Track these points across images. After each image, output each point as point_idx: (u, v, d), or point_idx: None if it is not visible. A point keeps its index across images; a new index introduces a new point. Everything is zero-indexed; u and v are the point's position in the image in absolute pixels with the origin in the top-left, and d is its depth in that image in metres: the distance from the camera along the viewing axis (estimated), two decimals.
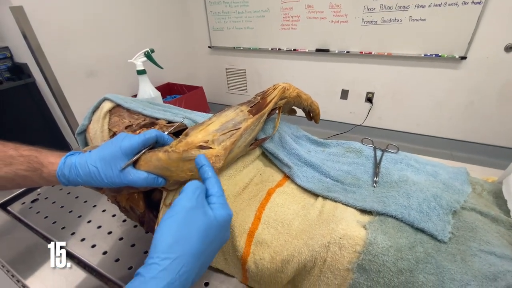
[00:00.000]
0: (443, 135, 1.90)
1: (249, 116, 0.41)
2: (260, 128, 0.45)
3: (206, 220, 0.26)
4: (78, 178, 0.33)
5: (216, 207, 0.28)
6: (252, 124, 0.41)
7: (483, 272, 0.29)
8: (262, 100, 0.45)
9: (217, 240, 0.27)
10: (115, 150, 0.33)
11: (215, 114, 0.42)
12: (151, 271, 0.23)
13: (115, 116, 0.57)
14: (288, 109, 0.59)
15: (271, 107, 0.46)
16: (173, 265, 0.23)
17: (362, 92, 2.01)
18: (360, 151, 0.51)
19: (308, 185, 0.43)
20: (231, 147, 0.37)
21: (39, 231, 0.53)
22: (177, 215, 0.26)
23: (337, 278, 0.32)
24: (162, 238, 0.25)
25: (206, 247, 0.26)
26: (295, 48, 2.05)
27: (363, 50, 1.83)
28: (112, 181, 0.33)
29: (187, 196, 0.27)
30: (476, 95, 1.70)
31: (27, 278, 0.44)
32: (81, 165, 0.33)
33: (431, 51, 1.66)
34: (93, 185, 0.34)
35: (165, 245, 0.24)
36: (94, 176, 0.32)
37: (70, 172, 0.33)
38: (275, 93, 0.47)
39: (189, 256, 0.24)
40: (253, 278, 0.38)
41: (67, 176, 0.33)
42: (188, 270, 0.24)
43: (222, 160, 0.35)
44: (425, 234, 0.33)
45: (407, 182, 0.41)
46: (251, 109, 0.43)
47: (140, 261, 0.46)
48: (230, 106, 0.43)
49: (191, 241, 0.25)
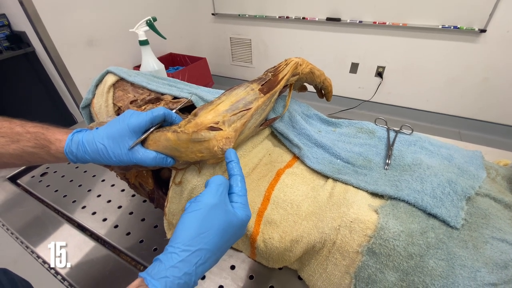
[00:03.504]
0: (453, 113, 1.85)
1: (260, 95, 0.39)
2: (271, 108, 0.43)
3: (227, 219, 0.27)
4: (86, 155, 0.32)
5: (238, 207, 0.29)
6: (263, 104, 0.39)
7: (494, 260, 0.29)
8: (274, 77, 0.43)
9: (234, 238, 0.29)
10: (122, 128, 0.32)
11: (224, 93, 0.39)
12: (170, 260, 0.24)
13: (119, 91, 0.55)
14: (299, 86, 0.57)
15: (283, 85, 0.43)
16: (191, 257, 0.25)
17: (372, 66, 1.93)
18: (372, 131, 0.49)
19: (318, 167, 0.43)
20: (242, 128, 0.36)
21: (50, 204, 0.54)
22: (200, 210, 0.27)
23: (345, 259, 0.33)
24: (184, 231, 0.26)
25: (223, 243, 0.27)
26: (304, 17, 1.93)
27: (377, 20, 1.72)
28: (120, 159, 0.32)
29: (211, 192, 0.28)
30: (491, 72, 1.62)
31: (37, 246, 0.46)
32: (89, 142, 0.32)
33: (450, 23, 1.56)
34: (102, 163, 0.34)
35: (186, 238, 0.25)
36: (102, 154, 0.32)
37: (77, 149, 0.32)
38: (287, 69, 0.44)
39: (207, 251, 0.26)
40: (262, 255, 0.39)
41: (75, 153, 0.32)
42: (204, 262, 0.25)
43: (232, 142, 0.34)
44: (437, 219, 0.33)
45: (421, 166, 0.40)
46: (262, 87, 0.40)
47: (149, 235, 0.47)
48: (240, 83, 0.41)
49: (211, 236, 0.26)
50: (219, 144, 0.33)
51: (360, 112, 2.11)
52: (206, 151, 0.33)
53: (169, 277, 0.23)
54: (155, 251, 0.44)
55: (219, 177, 0.30)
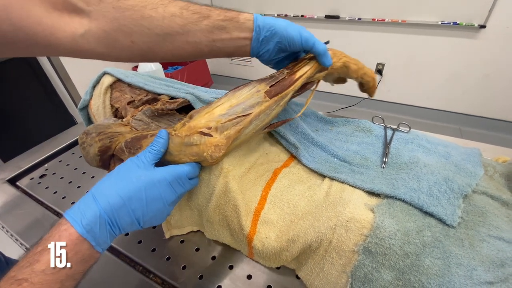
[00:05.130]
0: (453, 109, 1.85)
1: (265, 99, 0.35)
2: (278, 112, 0.37)
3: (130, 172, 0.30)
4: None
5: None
6: (268, 109, 0.35)
7: (490, 258, 0.29)
8: (289, 76, 0.37)
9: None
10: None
11: (228, 93, 0.37)
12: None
13: (116, 91, 0.56)
14: (334, 78, 0.48)
15: (299, 85, 0.37)
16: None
17: (372, 63, 1.92)
18: (369, 130, 0.49)
19: (314, 166, 0.43)
20: (236, 135, 0.34)
21: (49, 206, 0.55)
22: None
23: (342, 258, 0.33)
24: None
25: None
26: (302, 14, 1.93)
27: (376, 17, 1.71)
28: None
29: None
30: (492, 68, 1.61)
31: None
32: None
33: (449, 19, 1.55)
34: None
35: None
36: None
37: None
38: (309, 66, 0.38)
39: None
40: (259, 255, 0.39)
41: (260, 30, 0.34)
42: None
43: (223, 150, 0.33)
44: (433, 218, 0.32)
45: (418, 164, 0.40)
46: (270, 89, 0.35)
47: (148, 235, 0.47)
48: (239, 82, 0.38)
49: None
50: (207, 151, 0.33)
51: (360, 110, 2.10)
52: (197, 155, 0.33)
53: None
54: (153, 252, 0.44)
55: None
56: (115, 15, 0.30)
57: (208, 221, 0.41)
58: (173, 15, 0.32)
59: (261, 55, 0.37)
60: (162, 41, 0.33)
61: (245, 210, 0.38)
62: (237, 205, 0.38)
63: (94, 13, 0.30)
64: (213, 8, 0.34)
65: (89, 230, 0.26)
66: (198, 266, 0.42)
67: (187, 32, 0.32)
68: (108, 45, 0.32)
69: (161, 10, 0.31)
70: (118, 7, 0.30)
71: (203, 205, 0.40)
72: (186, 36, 0.33)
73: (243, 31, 0.34)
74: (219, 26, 0.33)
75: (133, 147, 0.36)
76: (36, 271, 0.24)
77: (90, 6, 0.30)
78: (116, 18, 0.30)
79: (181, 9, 0.32)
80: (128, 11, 0.31)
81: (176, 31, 0.32)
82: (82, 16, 0.30)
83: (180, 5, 0.32)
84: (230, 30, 0.34)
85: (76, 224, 0.26)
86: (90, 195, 0.28)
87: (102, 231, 0.27)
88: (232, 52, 0.36)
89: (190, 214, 0.43)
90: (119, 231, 0.29)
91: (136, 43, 0.32)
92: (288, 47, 0.36)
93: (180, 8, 0.32)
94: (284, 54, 0.38)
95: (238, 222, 0.38)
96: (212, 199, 0.38)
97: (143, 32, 0.31)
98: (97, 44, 0.31)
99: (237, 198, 0.37)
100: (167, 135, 0.33)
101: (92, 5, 0.30)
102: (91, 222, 0.26)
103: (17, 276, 0.23)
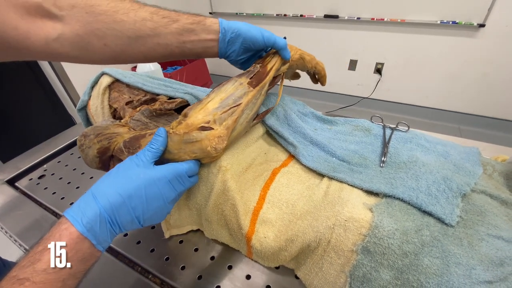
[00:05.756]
0: (453, 109, 1.85)
1: (249, 89, 0.38)
2: (261, 101, 0.42)
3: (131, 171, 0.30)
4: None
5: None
6: (254, 98, 0.38)
7: (489, 257, 0.29)
8: (262, 68, 0.41)
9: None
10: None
11: (213, 90, 0.39)
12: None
13: (114, 92, 0.56)
14: (291, 74, 0.54)
15: (272, 76, 0.41)
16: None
17: (371, 62, 1.92)
18: (368, 129, 0.49)
19: (313, 165, 0.42)
20: (234, 125, 0.36)
21: (48, 207, 0.54)
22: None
23: (340, 258, 0.33)
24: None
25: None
26: (301, 14, 1.93)
27: (375, 16, 1.71)
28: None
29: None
30: (491, 67, 1.61)
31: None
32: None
33: (448, 18, 1.55)
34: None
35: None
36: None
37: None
38: (275, 59, 0.42)
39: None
40: (257, 254, 0.39)
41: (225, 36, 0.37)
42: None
43: (225, 140, 0.34)
44: (432, 217, 0.32)
45: (416, 163, 0.40)
46: (251, 80, 0.39)
47: (147, 235, 0.47)
48: (228, 78, 0.40)
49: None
50: (211, 143, 0.33)
51: (359, 109, 2.10)
52: (199, 151, 0.33)
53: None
54: (152, 252, 0.44)
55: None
56: (88, 20, 0.32)
57: (207, 220, 0.41)
58: (144, 19, 0.34)
59: (229, 55, 0.40)
60: (134, 43, 0.34)
61: (244, 209, 0.38)
62: (236, 204, 0.38)
63: (67, 17, 0.31)
64: (181, 13, 0.36)
65: (89, 228, 0.26)
66: (197, 266, 0.41)
67: (157, 34, 0.34)
68: (82, 48, 0.33)
69: (132, 14, 0.33)
70: (91, 12, 0.32)
71: (202, 204, 0.40)
72: (157, 38, 0.35)
73: (210, 33, 0.37)
74: (188, 29, 0.35)
75: (132, 147, 0.36)
76: (37, 270, 0.24)
77: (63, 11, 0.31)
78: (89, 22, 0.32)
79: (151, 14, 0.34)
80: (101, 15, 0.32)
81: (147, 34, 0.34)
82: (55, 21, 0.31)
83: (150, 10, 0.35)
84: (198, 32, 0.36)
85: (76, 223, 0.26)
86: (90, 194, 0.28)
87: (103, 230, 0.27)
88: (201, 53, 0.39)
89: (189, 213, 0.43)
90: (119, 230, 0.29)
91: (109, 45, 0.34)
92: (252, 46, 0.39)
93: (151, 13, 0.34)
94: (249, 53, 0.42)
95: (236, 221, 0.38)
96: (211, 198, 0.38)
97: (115, 35, 0.33)
98: (71, 48, 0.32)
99: (235, 197, 0.37)
100: (166, 133, 0.33)
101: (64, 10, 0.31)
102: (91, 221, 0.26)
103: (19, 276, 0.23)
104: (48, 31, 0.31)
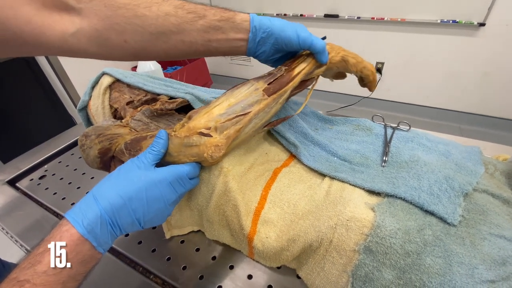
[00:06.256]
0: (453, 108, 1.84)
1: (264, 97, 0.34)
2: (277, 109, 0.37)
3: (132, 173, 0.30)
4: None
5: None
6: (267, 107, 0.35)
7: (492, 256, 0.29)
8: (287, 72, 0.36)
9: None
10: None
11: (226, 92, 0.36)
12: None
13: (115, 92, 0.55)
14: (334, 73, 0.48)
15: (297, 81, 0.37)
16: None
17: (371, 62, 1.90)
18: (369, 129, 0.49)
19: (314, 165, 0.42)
20: (236, 135, 0.34)
21: (49, 207, 0.54)
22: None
23: (342, 258, 0.33)
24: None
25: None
26: (302, 14, 1.93)
27: (375, 16, 1.71)
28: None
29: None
30: (491, 66, 1.61)
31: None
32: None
33: (448, 17, 1.55)
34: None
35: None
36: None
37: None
38: (307, 63, 0.37)
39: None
40: (259, 255, 0.39)
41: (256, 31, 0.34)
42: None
43: (223, 149, 0.33)
44: (434, 217, 0.32)
45: (418, 163, 0.40)
46: (268, 86, 0.35)
47: (148, 236, 0.47)
48: (239, 82, 0.37)
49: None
50: (208, 151, 0.32)
51: (360, 109, 2.10)
52: (197, 156, 0.33)
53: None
54: (153, 252, 0.44)
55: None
56: (107, 14, 0.30)
57: (208, 221, 0.41)
58: (168, 14, 0.31)
59: (258, 55, 0.37)
60: (156, 40, 0.32)
61: (245, 210, 0.38)
62: (237, 205, 0.37)
63: (85, 11, 0.29)
64: (208, 8, 0.33)
65: (90, 230, 0.26)
66: (199, 266, 0.41)
67: (182, 31, 0.32)
68: (100, 44, 0.31)
69: (155, 8, 0.31)
70: (110, 5, 0.30)
71: (203, 205, 0.40)
72: (181, 35, 0.32)
73: (239, 32, 0.34)
74: (215, 26, 0.33)
75: (133, 149, 0.36)
76: (38, 272, 0.23)
77: (81, 4, 0.29)
78: (108, 16, 0.30)
79: (176, 8, 0.32)
80: (121, 9, 0.30)
81: (170, 30, 0.32)
82: (72, 14, 0.29)
83: (175, 4, 0.32)
84: (226, 31, 0.33)
85: (77, 224, 0.26)
86: (91, 195, 0.28)
87: (103, 232, 0.27)
88: (227, 52, 0.36)
89: (190, 214, 0.43)
90: (120, 232, 0.28)
91: (129, 42, 0.32)
92: (284, 47, 0.36)
93: (175, 7, 0.32)
94: (281, 53, 0.38)
95: (238, 222, 0.38)
96: (212, 199, 0.38)
97: (136, 31, 0.31)
98: (89, 43, 0.31)
99: (237, 198, 0.37)
100: (167, 135, 0.33)
101: (83, 2, 0.29)
102: (92, 223, 0.26)
103: (19, 278, 0.23)
104: (65, 26, 0.29)
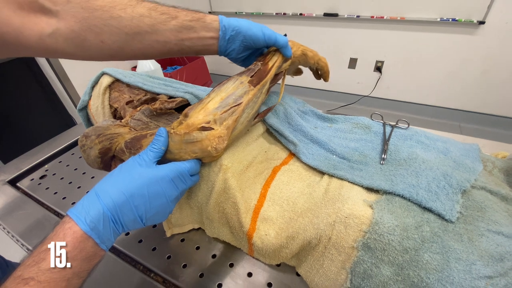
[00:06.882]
0: (453, 106, 1.85)
1: (250, 88, 0.38)
2: (263, 99, 0.41)
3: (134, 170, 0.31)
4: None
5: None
6: (254, 97, 0.38)
7: (489, 252, 0.29)
8: (263, 66, 0.40)
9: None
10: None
11: (214, 89, 0.38)
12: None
13: (115, 92, 0.56)
14: (294, 70, 0.53)
15: (273, 73, 0.41)
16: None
17: (371, 60, 1.92)
18: (368, 127, 0.49)
19: (313, 163, 0.43)
20: (234, 124, 0.36)
21: (50, 207, 0.55)
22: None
23: (341, 254, 0.33)
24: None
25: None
26: (301, 13, 1.93)
27: (375, 14, 1.71)
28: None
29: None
30: (491, 64, 1.61)
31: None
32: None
33: (448, 15, 1.55)
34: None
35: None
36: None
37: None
38: (276, 57, 0.42)
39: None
40: (259, 252, 0.39)
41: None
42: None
43: (225, 140, 0.34)
44: (432, 213, 0.33)
45: (416, 160, 0.40)
46: (251, 79, 0.39)
47: (148, 234, 0.47)
48: (229, 77, 0.39)
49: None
50: (212, 144, 0.33)
51: (359, 108, 2.10)
52: (199, 151, 0.33)
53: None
54: (154, 251, 0.44)
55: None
56: (84, 15, 0.31)
57: (208, 219, 0.41)
58: (142, 15, 0.33)
59: (229, 53, 0.40)
60: (132, 40, 0.34)
61: (245, 207, 0.38)
62: (237, 202, 0.38)
63: (62, 13, 0.30)
64: (180, 9, 0.36)
65: (93, 227, 0.26)
66: (199, 264, 0.42)
67: (156, 31, 0.34)
68: (78, 44, 0.32)
69: (129, 10, 0.32)
70: (87, 7, 0.31)
71: (203, 203, 0.41)
72: (156, 35, 0.34)
73: (210, 30, 0.36)
74: (187, 26, 0.35)
75: (134, 148, 0.36)
76: (42, 269, 0.24)
77: (58, 6, 0.30)
78: (85, 18, 0.31)
79: (149, 10, 0.33)
80: (97, 11, 0.31)
81: (145, 31, 0.33)
82: (49, 16, 0.30)
83: (148, 6, 0.34)
84: (197, 30, 0.35)
85: (80, 222, 0.26)
86: (93, 193, 0.28)
87: (106, 229, 0.27)
88: (200, 51, 0.38)
89: (190, 212, 0.44)
90: (122, 229, 0.29)
91: (106, 42, 0.33)
92: (252, 44, 0.39)
93: (148, 9, 0.33)
94: (249, 51, 0.41)
95: (237, 219, 0.38)
96: (212, 196, 0.39)
97: (112, 31, 0.32)
98: (66, 44, 0.32)
99: (236, 195, 0.37)
100: (166, 133, 0.33)
101: (59, 5, 0.30)
102: (94, 220, 0.26)
103: (24, 275, 0.23)
104: (42, 27, 0.30)
